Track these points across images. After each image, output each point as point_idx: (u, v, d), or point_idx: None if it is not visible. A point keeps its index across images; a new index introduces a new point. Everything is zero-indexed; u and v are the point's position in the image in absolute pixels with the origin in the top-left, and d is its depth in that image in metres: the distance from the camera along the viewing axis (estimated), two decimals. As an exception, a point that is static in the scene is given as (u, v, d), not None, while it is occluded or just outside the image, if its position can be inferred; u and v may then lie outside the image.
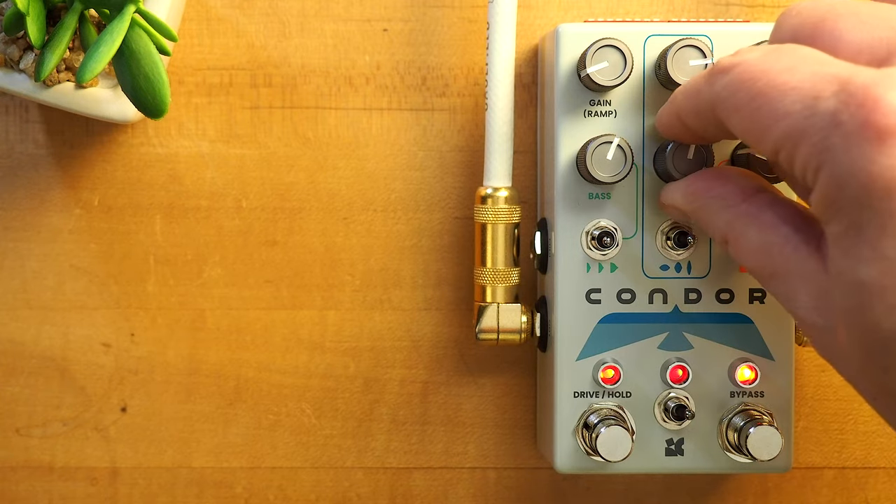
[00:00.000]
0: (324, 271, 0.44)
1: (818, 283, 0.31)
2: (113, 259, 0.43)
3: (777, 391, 0.40)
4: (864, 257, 0.28)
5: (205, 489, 0.44)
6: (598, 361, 0.39)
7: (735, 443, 0.39)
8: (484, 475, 0.44)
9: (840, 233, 0.29)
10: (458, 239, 0.44)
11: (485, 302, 0.41)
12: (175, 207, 0.43)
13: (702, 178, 0.36)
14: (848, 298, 0.29)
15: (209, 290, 0.44)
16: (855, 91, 0.28)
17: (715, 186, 0.35)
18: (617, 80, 0.38)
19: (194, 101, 0.43)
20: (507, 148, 0.41)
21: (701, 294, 0.39)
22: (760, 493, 0.44)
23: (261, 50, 0.43)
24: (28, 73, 0.39)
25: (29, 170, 0.43)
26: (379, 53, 0.43)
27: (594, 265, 0.39)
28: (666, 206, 0.38)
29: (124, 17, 0.36)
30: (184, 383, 0.44)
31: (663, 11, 0.43)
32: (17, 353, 0.44)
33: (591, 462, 0.39)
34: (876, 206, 0.27)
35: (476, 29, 0.43)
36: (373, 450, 0.44)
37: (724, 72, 0.32)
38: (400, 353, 0.44)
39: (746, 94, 0.30)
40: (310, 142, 0.43)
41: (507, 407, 0.44)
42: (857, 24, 0.31)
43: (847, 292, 0.29)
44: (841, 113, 0.28)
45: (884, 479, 0.44)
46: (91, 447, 0.44)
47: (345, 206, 0.43)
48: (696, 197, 0.36)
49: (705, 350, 0.40)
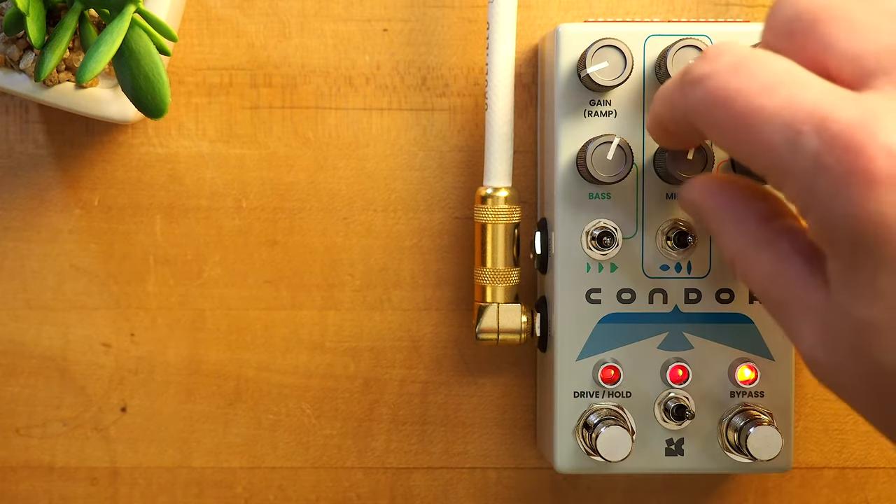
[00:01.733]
0: (324, 271, 0.44)
1: (824, 316, 0.30)
2: (113, 259, 0.43)
3: (777, 391, 0.40)
4: (863, 295, 0.28)
5: (205, 489, 0.44)
6: (598, 361, 0.39)
7: (735, 443, 0.39)
8: (484, 475, 0.44)
9: (839, 270, 0.28)
10: (458, 239, 0.44)
11: (485, 302, 0.41)
12: (175, 207, 0.43)
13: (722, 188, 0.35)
14: (853, 335, 0.29)
15: (209, 290, 0.44)
16: (839, 133, 0.27)
17: (734, 202, 0.34)
18: (617, 80, 0.38)
19: (194, 101, 0.43)
20: (507, 148, 0.41)
21: (701, 294, 0.39)
22: (760, 493, 0.44)
23: (261, 50, 0.43)
24: (28, 73, 0.39)
25: (29, 170, 0.43)
26: (379, 53, 0.43)
27: (594, 265, 0.39)
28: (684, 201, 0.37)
29: (124, 17, 0.36)
30: (184, 383, 0.44)
31: (663, 11, 0.43)
32: (17, 353, 0.44)
33: (591, 462, 0.39)
34: (868, 248, 0.27)
35: (476, 29, 0.43)
36: (373, 450, 0.44)
37: (696, 83, 0.30)
38: (400, 353, 0.44)
39: (724, 115, 0.29)
40: (310, 142, 0.43)
41: (507, 407, 0.44)
42: (850, 32, 0.30)
43: (851, 328, 0.29)
44: (824, 156, 0.27)
45: (884, 479, 0.44)
46: (91, 447, 0.44)
47: (345, 206, 0.43)
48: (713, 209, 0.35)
49: (705, 350, 0.39)
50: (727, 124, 0.29)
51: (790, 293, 0.32)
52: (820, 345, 0.30)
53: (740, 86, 0.29)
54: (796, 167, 0.28)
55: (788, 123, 0.28)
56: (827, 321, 0.30)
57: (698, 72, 0.30)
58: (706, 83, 0.30)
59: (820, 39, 0.30)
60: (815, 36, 0.30)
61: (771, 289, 0.32)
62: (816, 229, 0.28)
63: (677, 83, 0.32)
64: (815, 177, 0.27)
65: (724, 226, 0.34)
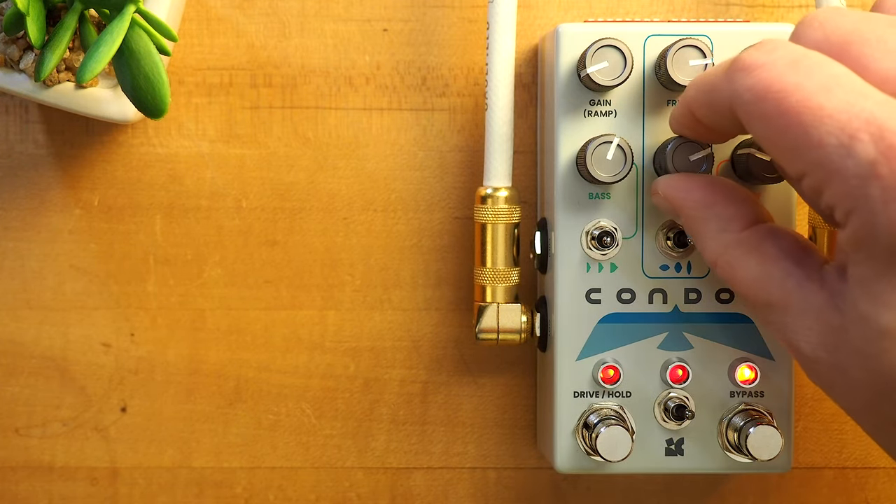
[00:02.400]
0: (324, 271, 0.44)
1: (826, 319, 0.31)
2: (113, 259, 0.43)
3: (777, 391, 0.40)
4: (892, 304, 0.28)
5: (205, 489, 0.44)
6: (598, 361, 0.39)
7: (735, 443, 0.39)
8: (484, 475, 0.44)
9: (867, 276, 0.29)
10: (458, 239, 0.44)
11: (485, 302, 0.41)
12: (175, 207, 0.43)
13: (705, 189, 0.35)
14: (866, 342, 0.29)
15: (209, 290, 0.44)
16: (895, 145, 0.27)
17: (717, 204, 0.34)
18: (617, 80, 0.38)
19: (194, 101, 0.43)
20: (507, 148, 0.41)
21: (701, 294, 0.39)
22: (760, 493, 0.44)
23: (261, 50, 0.43)
24: (28, 73, 0.39)
25: (29, 170, 0.43)
26: (379, 53, 0.43)
27: (594, 265, 0.39)
28: (657, 196, 0.37)
29: (124, 17, 0.36)
30: (184, 383, 0.44)
31: (663, 11, 0.43)
32: (17, 353, 0.44)
33: (591, 462, 0.39)
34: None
35: (476, 29, 0.43)
36: (373, 450, 0.44)
37: (747, 70, 0.30)
38: (400, 353, 0.44)
39: (775, 107, 0.29)
40: (310, 142, 0.43)
41: (507, 407, 0.44)
42: (885, 52, 0.30)
43: (866, 336, 0.29)
44: (880, 165, 0.27)
45: (884, 479, 0.44)
46: (91, 447, 0.44)
47: (345, 206, 0.43)
48: (695, 208, 0.35)
49: (705, 350, 0.39)
50: (777, 117, 0.29)
51: (782, 296, 0.32)
52: (821, 345, 0.31)
53: (798, 81, 0.29)
54: (848, 171, 0.28)
55: (844, 127, 0.28)
56: (831, 323, 0.30)
57: (753, 60, 0.30)
58: (760, 72, 0.30)
59: (855, 61, 0.30)
60: (848, 58, 0.30)
61: (758, 291, 0.33)
62: (857, 233, 0.29)
63: (724, 70, 0.31)
64: (867, 182, 0.28)
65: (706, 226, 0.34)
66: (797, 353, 0.32)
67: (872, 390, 0.30)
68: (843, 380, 0.31)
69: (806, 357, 0.31)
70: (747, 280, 0.33)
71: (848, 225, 0.29)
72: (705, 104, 0.33)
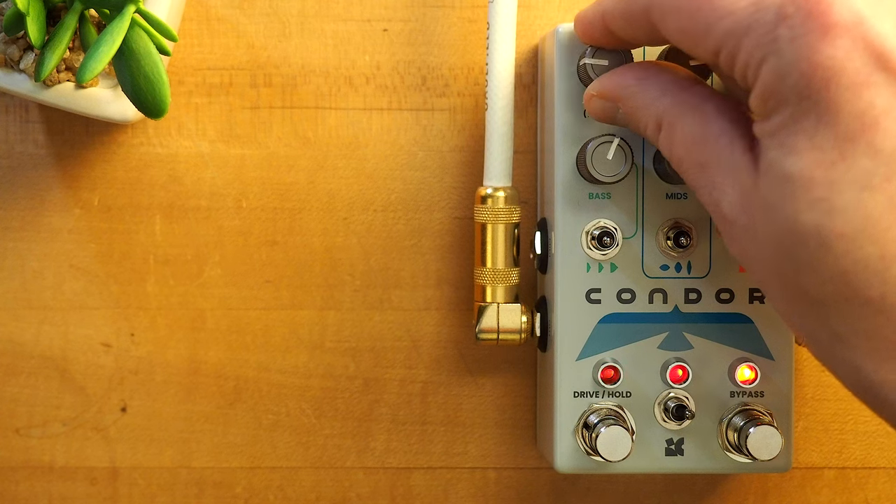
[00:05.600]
0: (324, 271, 0.44)
1: (746, 180, 0.31)
2: (113, 259, 0.43)
3: (777, 391, 0.40)
4: (798, 148, 0.29)
5: (205, 489, 0.44)
6: (598, 361, 0.39)
7: (735, 443, 0.39)
8: (484, 475, 0.44)
9: (777, 125, 0.29)
10: (458, 239, 0.44)
11: (485, 302, 0.41)
12: (175, 207, 0.43)
13: (640, 65, 0.36)
14: (772, 191, 0.29)
15: (209, 290, 0.44)
16: None
17: (653, 74, 0.35)
18: (617, 79, 0.38)
19: (194, 101, 0.43)
20: (507, 148, 0.41)
21: (701, 294, 0.39)
22: (760, 493, 0.44)
23: (261, 50, 0.43)
24: (28, 73, 0.39)
25: (29, 170, 0.43)
26: (379, 53, 0.43)
27: (594, 265, 0.39)
28: (591, 99, 0.37)
29: (124, 17, 0.36)
30: (184, 383, 0.44)
31: (663, 11, 0.43)
32: (17, 353, 0.44)
33: (591, 462, 0.39)
34: (815, 96, 0.28)
35: (476, 29, 0.43)
36: (373, 450, 0.44)
37: None
38: (400, 353, 0.44)
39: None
40: (310, 142, 0.43)
41: (507, 407, 0.44)
42: None
43: (772, 185, 0.29)
44: (787, 6, 0.29)
45: (884, 479, 0.44)
46: (91, 447, 0.44)
47: (345, 206, 0.44)
48: (633, 82, 0.35)
49: (705, 350, 0.40)
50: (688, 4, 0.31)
51: (714, 154, 0.32)
52: (738, 205, 0.31)
53: None
54: (758, 22, 0.29)
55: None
56: (749, 183, 0.31)
57: None
58: None
59: None
60: None
61: (694, 150, 0.33)
62: (766, 83, 0.29)
63: None
64: (775, 28, 0.29)
65: (645, 96, 0.35)
66: (718, 213, 0.32)
67: (776, 248, 0.30)
68: (754, 243, 0.31)
69: (724, 217, 0.32)
70: (686, 139, 0.33)
71: (759, 78, 0.30)
72: (621, 14, 0.34)
